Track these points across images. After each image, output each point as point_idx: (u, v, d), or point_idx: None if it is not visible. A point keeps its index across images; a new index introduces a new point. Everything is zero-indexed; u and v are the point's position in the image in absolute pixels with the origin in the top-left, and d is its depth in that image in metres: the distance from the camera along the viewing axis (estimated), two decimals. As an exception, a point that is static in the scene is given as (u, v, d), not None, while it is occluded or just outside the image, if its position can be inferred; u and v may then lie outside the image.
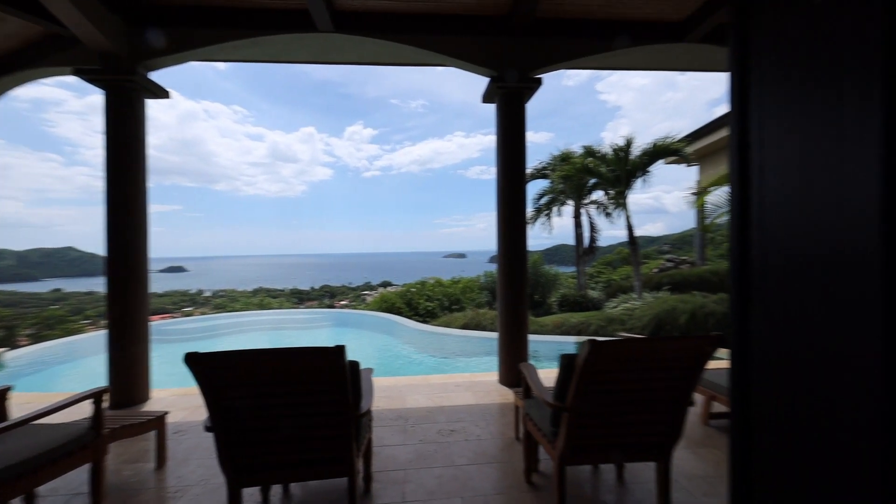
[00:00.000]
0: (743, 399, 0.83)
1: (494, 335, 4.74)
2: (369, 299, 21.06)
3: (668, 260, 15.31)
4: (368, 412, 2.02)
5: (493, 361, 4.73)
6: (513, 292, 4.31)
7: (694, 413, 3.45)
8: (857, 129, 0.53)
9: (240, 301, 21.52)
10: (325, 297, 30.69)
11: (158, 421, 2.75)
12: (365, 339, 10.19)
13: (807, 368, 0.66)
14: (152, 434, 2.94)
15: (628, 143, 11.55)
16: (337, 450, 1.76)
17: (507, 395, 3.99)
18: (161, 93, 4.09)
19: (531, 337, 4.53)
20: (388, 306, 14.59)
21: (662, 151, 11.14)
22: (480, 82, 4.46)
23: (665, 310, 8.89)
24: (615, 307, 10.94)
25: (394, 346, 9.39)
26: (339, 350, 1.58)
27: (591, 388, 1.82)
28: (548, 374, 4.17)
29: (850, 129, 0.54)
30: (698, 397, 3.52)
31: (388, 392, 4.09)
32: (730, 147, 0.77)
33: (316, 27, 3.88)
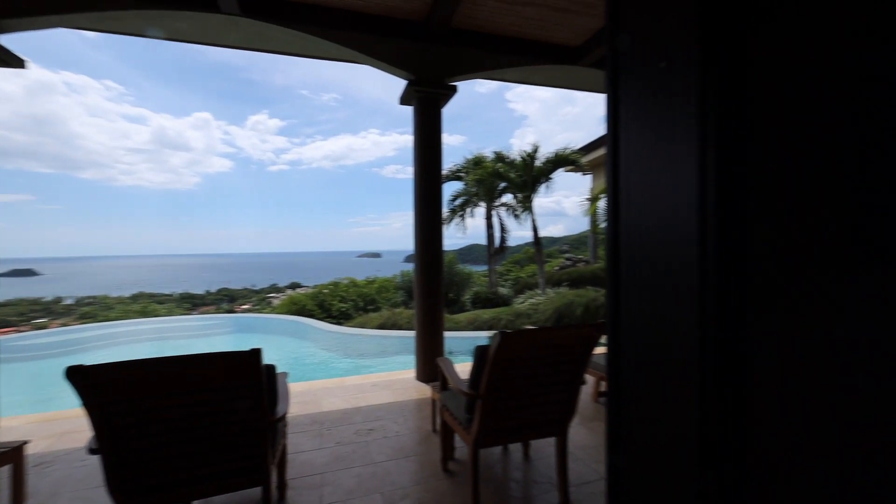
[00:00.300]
0: (615, 378, 1.02)
1: (411, 334, 4.85)
2: (276, 302, 19.69)
3: (568, 259, 16.97)
4: (284, 417, 1.96)
5: (411, 359, 4.83)
6: (429, 291, 4.45)
7: (585, 392, 3.94)
8: (683, 159, 0.72)
9: (116, 309, 18.47)
10: (224, 301, 27.89)
11: (14, 453, 2.31)
12: (273, 344, 9.54)
13: (654, 353, 0.86)
14: (5, 470, 2.45)
15: (534, 152, 12.56)
16: (251, 458, 1.69)
17: (425, 391, 4.12)
18: (13, 61, 3.40)
19: (447, 334, 4.72)
20: (297, 309, 13.84)
21: (562, 161, 12.33)
22: (395, 81, 4.51)
23: (564, 303, 9.87)
24: (522, 303, 11.82)
25: (306, 350, 8.97)
26: (255, 353, 1.53)
27: (502, 375, 2.01)
28: (463, 368, 4.39)
29: (679, 156, 0.73)
30: (589, 378, 4.02)
31: (301, 397, 3.94)
32: (606, 164, 0.96)
33: (218, 8, 3.58)
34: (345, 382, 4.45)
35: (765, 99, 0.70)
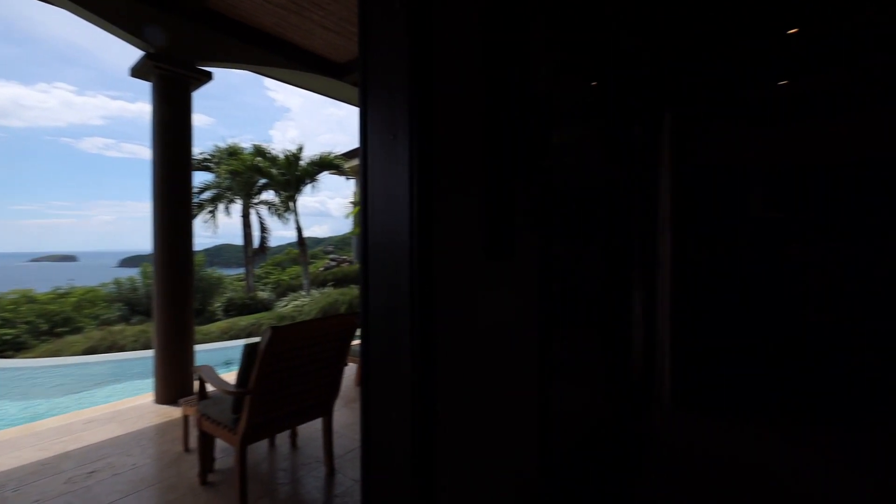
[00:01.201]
0: (366, 357, 1.37)
1: (142, 354, 4.06)
2: None
3: (332, 259, 17.37)
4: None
5: (146, 383, 4.05)
6: (176, 299, 3.89)
7: (350, 378, 4.40)
8: (402, 195, 1.19)
9: None
10: None
11: None
12: None
13: (388, 333, 1.29)
14: None
15: (298, 151, 12.31)
16: None
17: (170, 413, 3.60)
18: None
19: (196, 347, 4.21)
20: None
21: (327, 164, 12.63)
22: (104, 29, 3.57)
23: (329, 303, 10.20)
24: (286, 306, 11.41)
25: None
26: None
27: (273, 368, 2.15)
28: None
29: (400, 195, 1.19)
30: (353, 365, 4.50)
31: (-48, 462, 2.73)
32: (360, 193, 1.35)
33: None
34: (36, 428, 3.33)
35: (441, 161, 1.25)
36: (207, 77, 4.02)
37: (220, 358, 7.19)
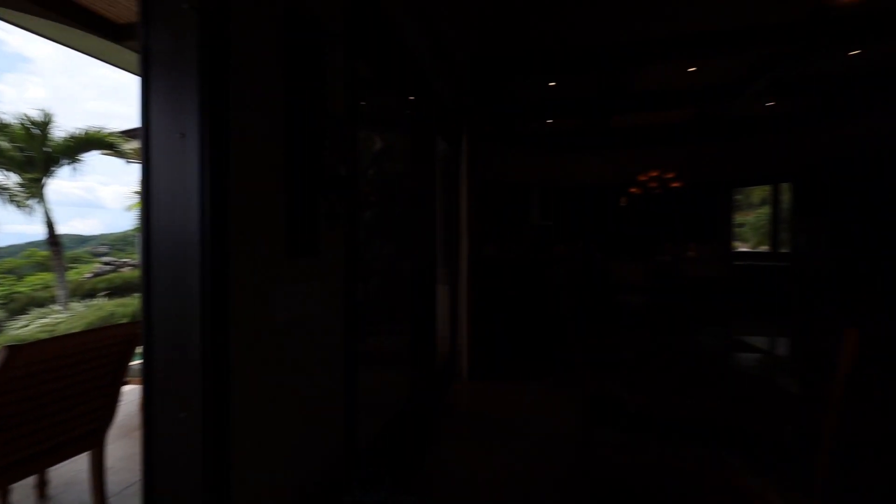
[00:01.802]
0: (149, 369, 1.25)
1: None
2: None
3: (107, 263, 13.73)
4: None
5: None
6: None
7: (132, 403, 3.68)
8: (191, 193, 1.19)
9: None
10: None
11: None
12: None
13: (176, 337, 1.23)
14: None
15: (47, 121, 9.31)
16: None
17: None
18: None
19: None
20: None
21: (96, 142, 9.95)
22: None
23: (101, 318, 8.13)
24: (25, 326, 8.50)
25: None
26: None
27: (9, 399, 1.70)
28: None
29: (189, 192, 1.20)
30: (137, 388, 3.78)
31: None
32: (141, 189, 1.27)
33: None
34: None
35: (238, 161, 1.30)
36: None
37: None
